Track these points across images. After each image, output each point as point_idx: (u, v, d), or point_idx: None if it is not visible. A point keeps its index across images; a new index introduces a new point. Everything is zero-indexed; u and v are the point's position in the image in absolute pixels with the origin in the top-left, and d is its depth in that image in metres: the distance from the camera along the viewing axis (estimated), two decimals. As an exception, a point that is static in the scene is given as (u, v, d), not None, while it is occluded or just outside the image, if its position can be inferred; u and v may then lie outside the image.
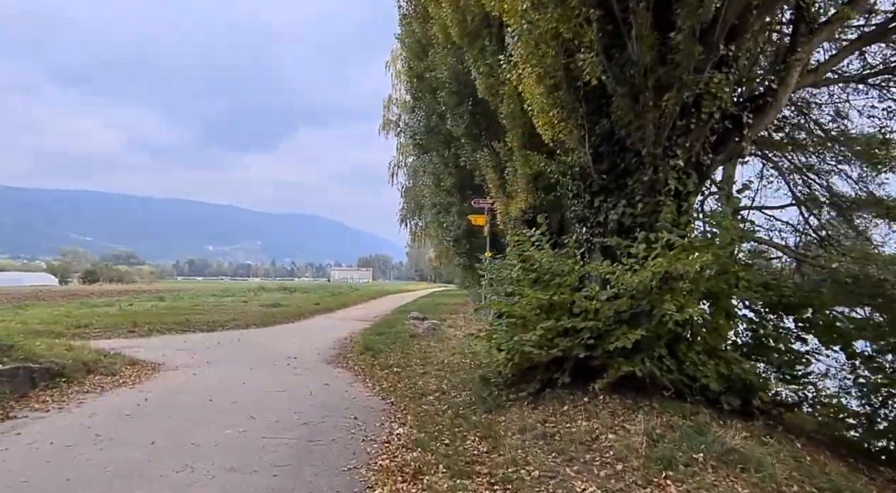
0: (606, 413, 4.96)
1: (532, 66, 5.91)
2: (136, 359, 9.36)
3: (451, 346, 10.32)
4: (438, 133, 16.72)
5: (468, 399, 6.37)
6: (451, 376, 7.71)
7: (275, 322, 17.25)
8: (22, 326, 13.83)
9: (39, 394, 6.77)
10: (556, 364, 5.87)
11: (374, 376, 8.35)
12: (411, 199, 39.46)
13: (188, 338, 13.20)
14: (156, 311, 19.81)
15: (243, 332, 14.73)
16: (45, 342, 8.40)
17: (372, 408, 6.46)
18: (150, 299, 28.12)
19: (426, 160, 17.87)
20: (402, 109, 39.28)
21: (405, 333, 13.29)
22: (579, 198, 6.40)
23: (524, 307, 6.04)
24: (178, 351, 11.01)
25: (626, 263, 5.43)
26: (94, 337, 13.07)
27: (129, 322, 14.92)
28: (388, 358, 9.75)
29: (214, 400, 6.76)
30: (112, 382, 7.77)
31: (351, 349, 11.59)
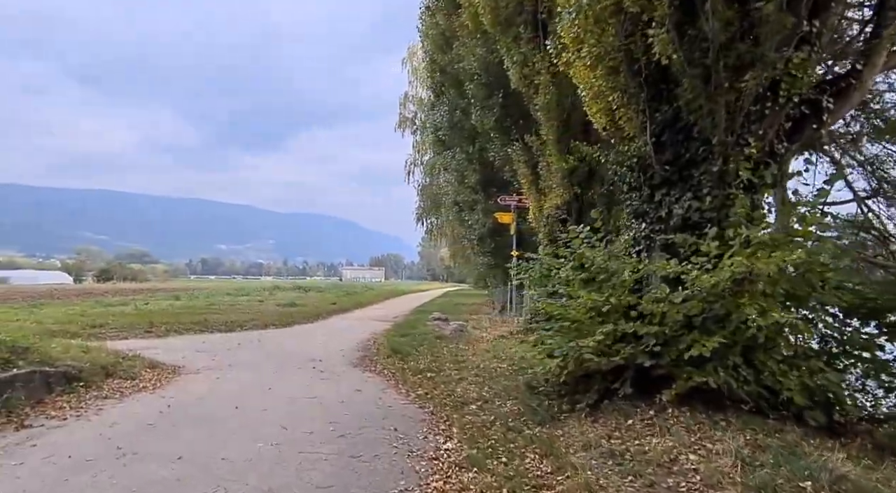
0: (680, 429, 4.45)
1: (590, 47, 5.40)
2: (155, 361, 8.97)
3: (483, 349, 9.83)
4: (462, 128, 16.23)
5: (515, 409, 5.87)
6: (490, 383, 7.22)
7: (293, 322, 16.86)
8: (37, 325, 13.54)
9: (56, 400, 6.37)
10: (613, 373, 5.37)
11: (406, 382, 7.88)
12: (428, 197, 38.98)
13: (207, 339, 12.83)
14: (172, 310, 19.51)
15: (262, 332, 14.34)
16: (61, 344, 8.02)
17: (411, 418, 5.99)
18: (165, 298, 27.90)
19: (448, 157, 17.38)
20: (419, 107, 38.85)
21: (431, 334, 12.81)
22: (637, 191, 5.88)
23: (578, 310, 5.54)
24: (198, 353, 10.63)
25: (695, 261, 4.91)
26: (110, 337, 12.74)
27: (145, 322, 14.59)
28: (419, 362, 9.28)
29: (241, 408, 6.33)
30: (132, 386, 7.37)
31: (376, 352, 11.14)
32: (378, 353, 11.03)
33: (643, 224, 5.80)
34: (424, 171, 39.06)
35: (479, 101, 12.35)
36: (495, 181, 16.17)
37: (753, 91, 4.75)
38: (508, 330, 12.24)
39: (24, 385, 6.08)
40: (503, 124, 12.22)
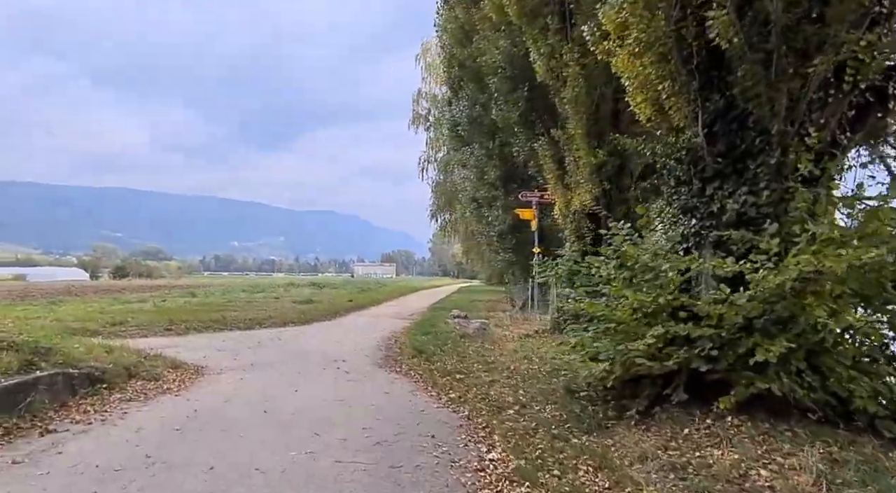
0: (744, 441, 4.15)
1: (638, 32, 5.08)
2: (177, 361, 8.79)
3: (511, 349, 9.55)
4: (482, 124, 15.92)
5: (557, 415, 5.59)
6: (524, 386, 6.94)
7: (312, 320, 16.68)
8: (57, 323, 13.46)
9: (80, 403, 6.19)
10: (663, 378, 5.07)
11: (436, 384, 7.63)
12: (442, 194, 38.72)
13: (226, 337, 12.67)
14: (189, 307, 19.43)
15: (282, 330, 14.16)
16: (83, 344, 7.85)
17: (447, 424, 5.73)
18: (181, 295, 27.90)
19: (467, 153, 17.08)
20: (433, 103, 38.56)
21: (453, 333, 12.56)
22: (686, 185, 5.56)
23: (624, 311, 5.24)
24: (219, 352, 10.46)
25: (754, 259, 4.60)
26: (130, 335, 12.63)
27: (164, 320, 14.47)
28: (445, 362, 9.02)
29: (270, 412, 6.11)
30: (155, 388, 7.19)
31: (400, 351, 10.91)
32: (402, 352, 10.80)
33: (692, 220, 5.48)
34: (438, 168, 38.84)
35: (502, 95, 12.03)
36: (516, 177, 15.86)
37: (821, 77, 4.42)
38: (533, 329, 11.95)
39: (48, 388, 5.90)
40: (528, 118, 11.90)
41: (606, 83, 9.99)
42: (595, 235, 10.59)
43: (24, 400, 5.51)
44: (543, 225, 14.59)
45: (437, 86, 38.51)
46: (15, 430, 5.13)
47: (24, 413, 5.44)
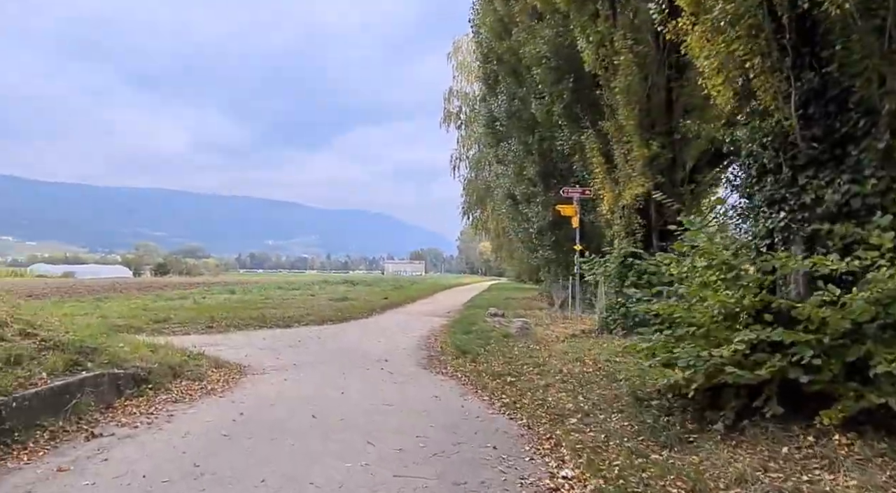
0: (861, 464, 3.65)
1: (726, 3, 4.58)
2: (220, 360, 8.64)
3: (561, 350, 9.10)
4: (520, 118, 15.45)
5: (627, 426, 5.14)
6: (583, 391, 6.49)
7: (349, 318, 16.49)
8: (102, 320, 13.56)
9: (126, 404, 6.02)
10: (751, 387, 4.57)
11: (486, 387, 7.25)
12: (473, 191, 38.28)
13: (266, 335, 12.55)
14: (228, 304, 19.49)
15: (320, 328, 13.99)
16: (128, 343, 7.72)
17: (506, 433, 5.34)
18: (220, 292, 28.18)
19: (505, 148, 16.60)
20: (464, 101, 38.15)
21: (495, 332, 12.15)
22: (773, 174, 5.03)
23: (704, 313, 4.76)
24: (261, 350, 10.29)
25: (863, 256, 4.08)
26: (172, 332, 12.62)
27: (205, 317, 14.46)
28: (492, 364, 8.63)
29: (318, 417, 5.82)
30: (200, 388, 7.00)
31: (442, 351, 10.57)
32: (444, 352, 10.46)
33: (781, 212, 4.94)
34: (470, 165, 38.43)
35: (546, 86, 11.54)
36: (555, 173, 15.34)
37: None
38: (579, 329, 11.45)
39: (94, 389, 5.73)
40: (572, 111, 11.39)
41: (659, 71, 9.46)
42: (646, 231, 10.06)
43: (69, 402, 5.34)
44: (585, 221, 14.04)
45: (468, 83, 38.10)
46: (61, 433, 4.96)
47: (70, 415, 5.27)
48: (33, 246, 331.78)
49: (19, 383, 5.00)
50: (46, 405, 5.09)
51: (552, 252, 15.48)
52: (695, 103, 9.25)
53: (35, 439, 4.73)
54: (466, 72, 36.81)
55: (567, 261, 15.06)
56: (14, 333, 6.01)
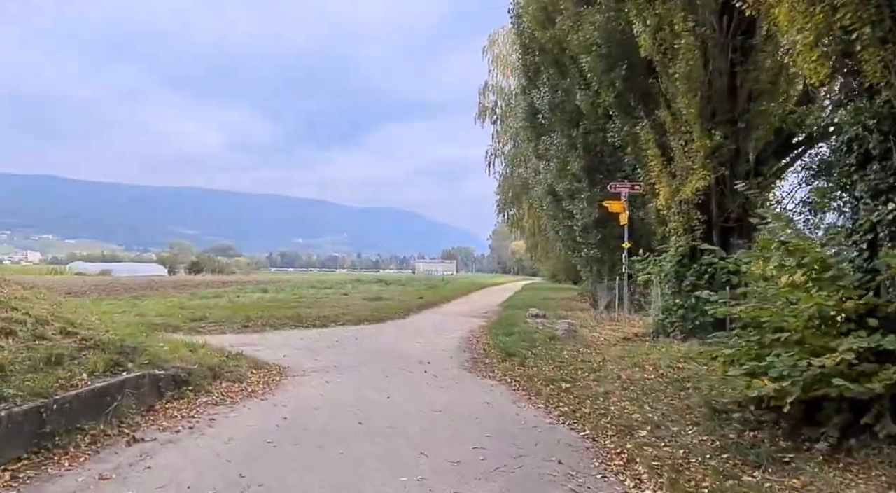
0: None
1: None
2: (259, 361, 8.41)
3: (616, 355, 8.60)
4: (563, 110, 14.93)
5: (707, 442, 4.66)
6: (648, 400, 6.02)
7: (385, 318, 16.21)
8: (140, 318, 13.57)
9: (167, 406, 5.80)
10: (852, 402, 4.06)
11: (539, 394, 6.83)
12: (509, 188, 37.76)
13: (303, 335, 12.34)
14: (262, 303, 19.46)
15: (357, 328, 13.74)
16: (167, 342, 7.55)
17: (570, 445, 4.92)
18: (253, 291, 28.31)
19: (547, 142, 16.08)
20: (500, 96, 37.63)
21: (539, 334, 11.71)
22: (880, 160, 4.47)
23: (799, 317, 4.26)
24: (298, 351, 10.06)
25: None
26: (209, 331, 12.52)
27: (241, 316, 14.37)
28: (542, 368, 8.20)
29: (365, 424, 5.49)
30: (240, 390, 6.76)
31: (485, 353, 10.18)
32: (488, 354, 10.07)
33: (889, 204, 4.38)
34: (506, 161, 37.88)
35: (596, 75, 11.00)
36: (601, 167, 14.77)
37: None
38: (631, 331, 10.92)
39: (135, 391, 5.51)
40: (625, 100, 10.83)
41: (721, 55, 8.88)
42: (706, 227, 9.48)
43: (110, 404, 5.12)
44: (633, 218, 13.46)
45: (504, 77, 37.56)
46: (102, 437, 4.74)
47: (112, 418, 5.05)
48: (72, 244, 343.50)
49: (60, 385, 4.79)
50: (87, 408, 4.87)
51: (597, 251, 14.87)
52: (762, 89, 8.64)
53: (76, 443, 4.51)
54: (502, 65, 36.30)
55: (613, 260, 14.49)
56: (55, 331, 5.85)
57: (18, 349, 5.08)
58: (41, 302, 6.48)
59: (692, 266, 9.41)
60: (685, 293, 9.28)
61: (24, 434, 4.21)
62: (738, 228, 9.55)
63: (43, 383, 4.64)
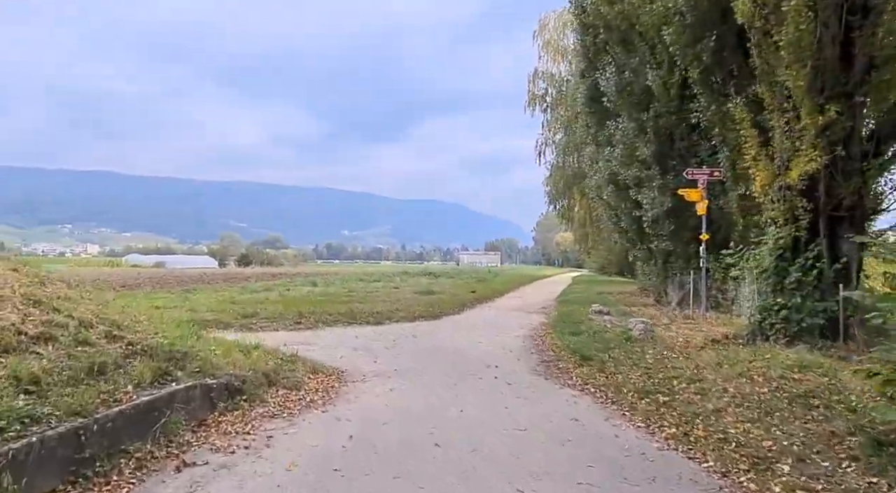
0: None
1: None
2: (315, 363, 7.83)
3: (709, 361, 7.56)
4: (632, 93, 13.77)
5: (882, 486, 3.70)
6: (776, 423, 5.03)
7: (440, 314, 15.51)
8: (191, 314, 13.30)
9: (219, 421, 5.21)
10: None
11: (633, 408, 5.93)
12: (560, 178, 36.46)
13: (358, 332, 11.76)
14: (313, 298, 19.10)
15: (413, 326, 13.07)
16: (219, 345, 7.00)
17: (697, 483, 4.03)
18: (303, 284, 28.17)
19: (612, 127, 14.92)
20: (550, 83, 36.29)
21: (610, 333, 10.75)
22: None
23: None
24: (355, 351, 9.46)
25: None
26: (261, 328, 12.12)
27: (293, 312, 13.94)
28: (628, 375, 7.28)
29: (442, 445, 4.74)
30: (298, 400, 6.14)
31: (557, 356, 9.31)
32: (559, 357, 9.19)
33: None
34: (557, 150, 36.58)
35: (679, 49, 9.86)
36: (673, 153, 13.56)
37: None
38: (719, 332, 9.83)
39: (185, 404, 4.93)
40: (712, 76, 9.66)
41: (833, 17, 7.67)
42: (812, 216, 8.31)
43: (158, 420, 4.55)
44: (711, 208, 12.25)
45: (554, 64, 36.21)
46: (148, 460, 4.16)
47: (159, 437, 4.48)
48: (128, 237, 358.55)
49: (102, 400, 4.22)
50: (132, 425, 4.30)
51: (669, 243, 13.66)
52: (885, 56, 7.40)
53: (119, 469, 3.94)
54: (553, 51, 35.00)
55: (688, 253, 13.31)
56: (99, 335, 5.32)
57: (58, 358, 4.54)
58: (86, 302, 6.00)
59: (795, 261, 8.26)
60: (789, 291, 8.15)
61: (60, 461, 3.63)
62: (850, 218, 8.34)
63: (83, 398, 4.08)
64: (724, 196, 12.09)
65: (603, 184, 18.23)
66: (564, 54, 35.69)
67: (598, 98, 17.91)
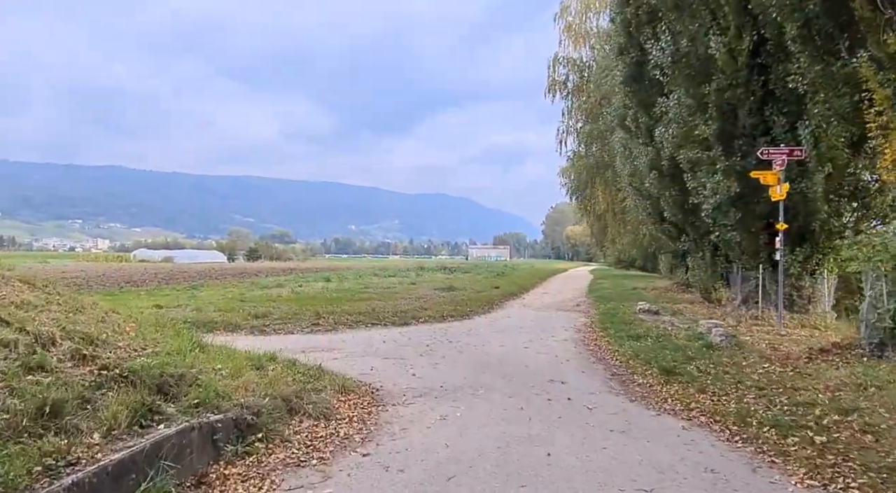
0: None
1: None
2: (345, 380, 6.33)
3: (837, 380, 6.03)
4: (689, 64, 12.16)
5: None
6: None
7: (469, 312, 14.04)
8: (196, 315, 11.92)
9: (226, 473, 3.76)
10: None
11: (778, 450, 4.40)
12: (583, 167, 34.72)
13: (385, 335, 10.32)
14: (328, 294, 17.66)
15: (445, 328, 11.61)
16: (226, 359, 5.55)
17: None
18: (315, 280, 26.78)
19: (665, 105, 13.27)
20: (572, 69, 34.54)
21: (677, 337, 9.25)
22: None
23: None
24: (387, 360, 8.02)
25: None
26: (274, 330, 10.75)
27: (309, 312, 12.51)
28: (738, 396, 5.77)
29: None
30: (328, 435, 4.69)
31: (625, 365, 7.80)
32: (629, 367, 7.68)
33: None
34: (579, 139, 34.84)
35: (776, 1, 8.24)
36: (737, 132, 11.93)
37: None
38: (828, 341, 8.31)
39: (176, 454, 3.47)
40: (813, 31, 8.06)
41: None
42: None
43: (136, 487, 3.09)
44: (792, 192, 10.63)
45: (575, 49, 34.46)
46: (117, 556, 2.70)
47: (137, 511, 3.03)
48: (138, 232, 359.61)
49: (45, 468, 2.77)
50: (96, 499, 2.85)
51: (736, 233, 12.00)
52: None
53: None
54: (575, 35, 33.24)
55: (756, 245, 11.71)
56: (63, 356, 3.90)
57: (-10, 396, 3.10)
58: (51, 309, 4.54)
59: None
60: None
61: None
62: None
63: (12, 467, 2.63)
64: (804, 179, 10.50)
65: (644, 170, 16.61)
66: (587, 38, 33.96)
67: (639, 76, 16.30)
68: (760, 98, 11.16)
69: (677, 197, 15.31)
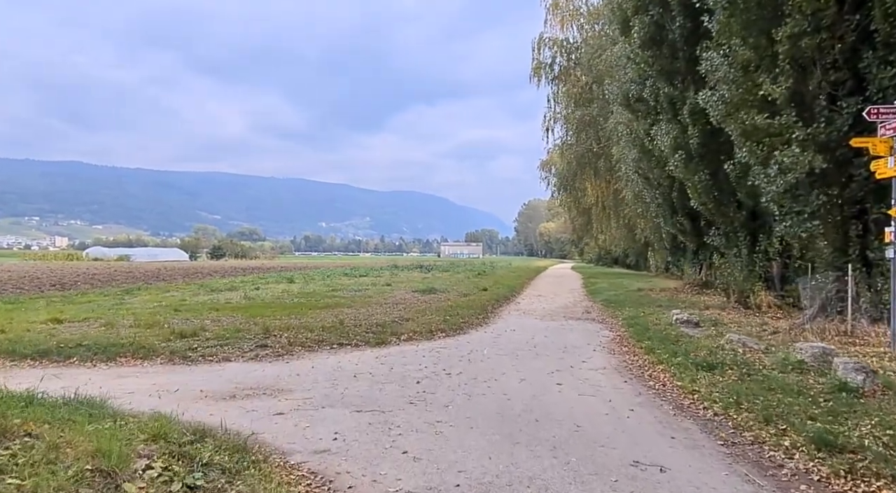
0: None
1: None
2: (286, 467, 3.39)
3: None
4: (748, 8, 9.49)
5: None
6: None
7: (463, 325, 11.11)
8: (100, 332, 8.82)
9: None
10: None
11: None
12: (573, 157, 32.12)
13: (356, 364, 7.40)
14: (288, 300, 14.59)
15: (436, 348, 8.74)
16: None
17: None
18: (277, 280, 23.59)
19: (716, 62, 10.41)
20: (559, 51, 31.95)
21: (773, 367, 6.57)
22: None
23: None
24: (359, 418, 5.10)
25: None
26: (203, 357, 7.74)
27: (258, 327, 9.47)
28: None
29: None
30: None
31: (729, 421, 5.03)
32: (737, 426, 4.92)
33: None
34: (568, 126, 32.26)
35: None
36: (818, 92, 9.27)
37: None
38: None
39: None
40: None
41: None
42: None
43: None
44: (880, 170, 8.05)
45: (562, 29, 31.88)
46: None
47: None
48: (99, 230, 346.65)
49: None
50: None
51: (817, 224, 9.16)
52: None
53: None
54: (562, 14, 30.66)
55: (843, 238, 9.09)
56: None
57: None
58: None
59: None
60: None
61: None
62: None
63: None
64: (916, 151, 7.89)
65: (667, 151, 13.98)
66: (575, 17, 31.44)
67: (660, 39, 13.67)
68: (851, 44, 8.56)
69: (707, 182, 12.69)
